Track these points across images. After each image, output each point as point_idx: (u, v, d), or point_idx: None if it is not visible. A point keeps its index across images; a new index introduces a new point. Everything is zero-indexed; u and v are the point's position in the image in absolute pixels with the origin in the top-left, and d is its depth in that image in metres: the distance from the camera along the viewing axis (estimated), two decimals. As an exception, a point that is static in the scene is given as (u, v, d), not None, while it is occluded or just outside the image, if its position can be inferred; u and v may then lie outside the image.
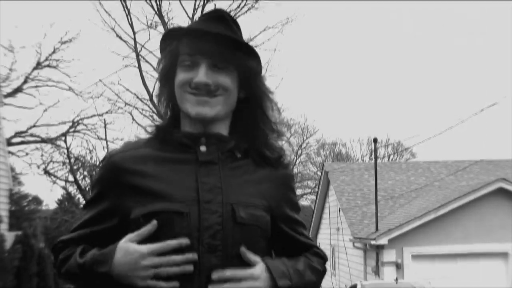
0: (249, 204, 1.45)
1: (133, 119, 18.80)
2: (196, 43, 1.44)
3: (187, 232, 1.38)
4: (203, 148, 1.47)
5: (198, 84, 1.43)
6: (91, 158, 19.80)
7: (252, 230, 1.44)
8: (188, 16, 18.24)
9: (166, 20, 18.06)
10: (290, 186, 1.59)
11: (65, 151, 19.73)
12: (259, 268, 1.40)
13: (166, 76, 1.52)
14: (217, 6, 19.38)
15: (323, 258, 1.61)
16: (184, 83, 1.46)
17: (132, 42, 18.12)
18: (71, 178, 19.52)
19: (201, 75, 1.43)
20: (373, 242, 14.03)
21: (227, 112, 1.51)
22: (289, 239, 1.56)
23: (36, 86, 22.00)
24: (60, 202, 32.00)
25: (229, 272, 1.37)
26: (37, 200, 35.63)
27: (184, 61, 1.46)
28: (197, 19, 1.54)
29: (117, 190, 1.46)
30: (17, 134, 21.54)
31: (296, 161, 34.92)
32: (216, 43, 1.44)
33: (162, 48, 1.55)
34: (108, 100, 19.03)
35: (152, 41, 19.17)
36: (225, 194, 1.43)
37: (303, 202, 35.62)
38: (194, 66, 1.45)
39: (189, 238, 1.38)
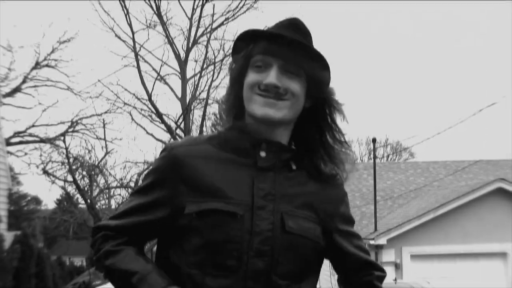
0: (299, 215, 1.47)
1: (132, 119, 18.81)
2: (272, 45, 1.44)
3: (239, 234, 1.39)
4: (262, 154, 1.47)
5: (268, 86, 1.43)
6: (90, 158, 19.79)
7: (300, 240, 1.45)
8: (187, 16, 18.24)
9: (165, 20, 18.05)
10: (343, 200, 1.60)
11: (64, 151, 19.69)
12: None
13: (237, 78, 1.51)
14: (216, 6, 19.33)
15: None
16: (254, 84, 1.45)
17: (131, 42, 18.12)
18: (70, 178, 19.49)
19: (272, 76, 1.43)
20: (372, 242, 14.03)
21: (293, 118, 1.50)
22: (344, 253, 1.57)
23: (35, 86, 22.01)
24: (59, 202, 32.01)
25: None
26: (36, 200, 35.65)
27: (256, 62, 1.46)
28: (273, 25, 1.52)
29: (174, 182, 1.45)
30: (16, 134, 21.53)
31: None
32: (291, 47, 1.44)
33: (237, 49, 1.53)
34: (107, 100, 19.04)
35: (151, 41, 19.16)
36: (277, 202, 1.45)
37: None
38: (265, 68, 1.45)
39: (239, 241, 1.39)
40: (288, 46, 1.44)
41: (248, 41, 1.49)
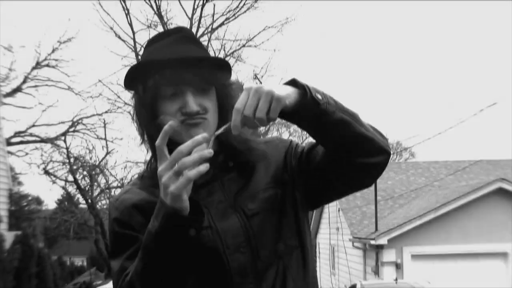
0: (256, 194, 1.46)
1: (133, 118, 18.78)
2: (178, 73, 1.41)
3: (214, 242, 1.39)
4: None
5: (190, 114, 1.41)
6: (90, 158, 19.80)
7: (265, 215, 1.44)
8: (187, 15, 18.23)
9: (165, 20, 18.05)
10: (282, 145, 1.57)
11: (65, 151, 19.71)
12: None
13: (151, 112, 1.47)
14: (217, 6, 19.33)
15: None
16: (174, 114, 1.42)
17: (131, 42, 18.12)
18: (70, 178, 19.51)
19: (191, 104, 1.41)
20: (372, 242, 14.04)
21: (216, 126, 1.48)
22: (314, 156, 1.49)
23: (35, 86, 22.00)
24: (59, 202, 32.01)
25: None
26: (37, 200, 35.67)
27: (167, 92, 1.43)
28: (157, 40, 1.49)
29: (140, 222, 1.41)
30: (17, 134, 21.53)
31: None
32: (197, 67, 1.42)
33: (133, 82, 1.50)
34: (108, 100, 19.02)
35: (151, 41, 19.10)
36: (230, 202, 1.44)
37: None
38: (178, 94, 1.43)
39: (215, 245, 1.39)
40: (194, 67, 1.42)
41: (151, 71, 1.44)
